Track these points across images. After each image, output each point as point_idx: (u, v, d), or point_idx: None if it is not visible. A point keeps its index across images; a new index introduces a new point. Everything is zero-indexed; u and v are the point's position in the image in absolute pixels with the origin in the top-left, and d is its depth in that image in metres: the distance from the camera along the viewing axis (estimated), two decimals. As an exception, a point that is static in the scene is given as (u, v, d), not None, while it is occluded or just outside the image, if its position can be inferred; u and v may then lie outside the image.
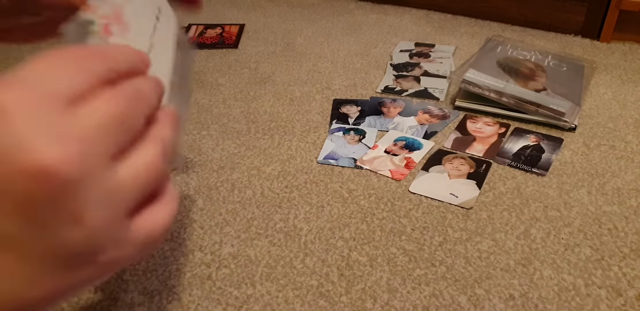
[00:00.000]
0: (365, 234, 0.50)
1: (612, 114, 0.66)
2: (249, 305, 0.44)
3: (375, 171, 0.58)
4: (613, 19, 0.80)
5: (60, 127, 0.20)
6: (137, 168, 0.23)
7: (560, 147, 0.61)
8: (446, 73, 0.76)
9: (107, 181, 0.22)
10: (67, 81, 0.21)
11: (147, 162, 0.24)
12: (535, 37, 0.86)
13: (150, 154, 0.24)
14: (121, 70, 0.24)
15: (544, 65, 0.72)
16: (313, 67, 0.80)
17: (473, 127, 0.65)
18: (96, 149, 0.21)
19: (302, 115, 0.69)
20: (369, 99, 0.71)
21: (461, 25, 0.91)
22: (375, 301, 0.44)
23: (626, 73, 0.75)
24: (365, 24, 0.93)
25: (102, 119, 0.22)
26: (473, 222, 0.51)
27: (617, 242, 0.48)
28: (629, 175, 0.56)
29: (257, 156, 0.62)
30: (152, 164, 0.24)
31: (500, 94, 0.65)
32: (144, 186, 0.24)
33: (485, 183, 0.56)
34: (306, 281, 0.46)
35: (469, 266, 0.47)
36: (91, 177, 0.21)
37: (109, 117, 0.22)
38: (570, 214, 0.52)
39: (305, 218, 0.52)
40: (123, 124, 0.23)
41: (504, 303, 0.43)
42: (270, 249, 0.49)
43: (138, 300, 0.45)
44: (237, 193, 0.56)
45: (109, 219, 0.22)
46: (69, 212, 0.20)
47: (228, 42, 0.88)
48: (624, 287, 0.44)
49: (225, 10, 1.01)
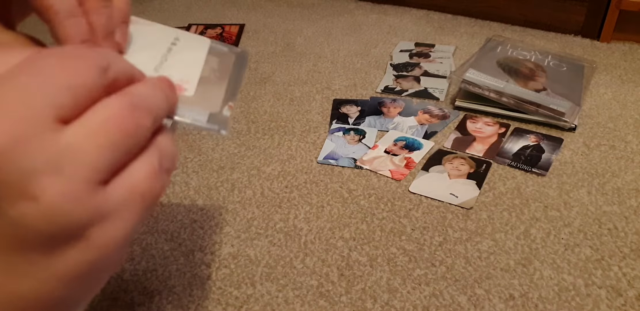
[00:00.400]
0: (365, 234, 0.50)
1: (612, 114, 0.66)
2: (249, 305, 0.44)
3: (375, 171, 0.58)
4: (613, 19, 0.80)
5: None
6: (92, 126, 0.20)
7: (560, 147, 0.61)
8: (446, 73, 0.76)
9: (51, 146, 0.19)
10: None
11: (106, 117, 0.21)
12: (535, 37, 0.86)
13: (112, 107, 0.21)
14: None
15: (544, 65, 0.72)
16: (313, 67, 0.80)
17: (473, 127, 0.65)
18: (29, 113, 0.19)
19: (302, 115, 0.69)
20: (369, 99, 0.71)
21: (461, 25, 0.91)
22: (375, 301, 0.44)
23: (626, 73, 0.75)
24: (365, 24, 0.93)
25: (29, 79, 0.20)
26: (473, 222, 0.51)
27: (617, 242, 0.48)
28: (629, 175, 0.56)
29: (257, 156, 0.62)
30: (115, 119, 0.21)
31: (500, 94, 0.65)
32: (110, 146, 0.20)
33: (485, 183, 0.56)
34: (306, 281, 0.46)
35: (469, 266, 0.47)
36: (26, 145, 0.18)
37: (46, 73, 0.20)
38: (570, 214, 0.52)
39: (305, 218, 0.52)
40: (56, 81, 0.20)
41: (504, 303, 0.43)
42: (270, 249, 0.49)
43: (138, 300, 0.45)
44: (237, 193, 0.56)
45: (69, 189, 0.19)
46: (13, 188, 0.18)
47: (228, 42, 0.88)
48: (624, 287, 0.44)
49: (225, 10, 1.01)
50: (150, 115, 0.22)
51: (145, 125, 0.22)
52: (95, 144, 0.20)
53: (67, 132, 0.20)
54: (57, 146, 0.19)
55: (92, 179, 0.20)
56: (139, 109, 0.22)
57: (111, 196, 0.21)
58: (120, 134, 0.21)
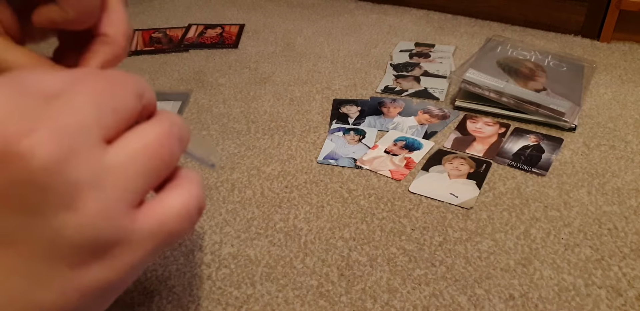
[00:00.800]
0: (365, 234, 0.50)
1: (612, 114, 0.66)
2: (249, 305, 0.44)
3: (375, 171, 0.58)
4: (613, 19, 0.80)
5: (33, 113, 0.20)
6: (133, 150, 0.22)
7: (560, 147, 0.61)
8: (446, 73, 0.76)
9: (96, 162, 0.20)
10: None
11: (147, 143, 0.22)
12: (535, 37, 0.86)
13: (152, 134, 0.22)
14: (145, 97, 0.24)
15: (544, 65, 0.72)
16: (313, 67, 0.80)
17: (473, 127, 0.65)
18: (79, 130, 0.20)
19: (302, 115, 0.69)
20: (369, 99, 0.71)
21: (461, 25, 0.91)
22: (375, 301, 0.44)
23: (626, 73, 0.75)
24: (365, 24, 0.93)
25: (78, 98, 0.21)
26: (473, 222, 0.51)
27: (617, 242, 0.48)
28: (629, 175, 0.56)
29: (257, 156, 0.62)
30: (154, 146, 0.22)
31: (500, 94, 0.65)
32: (145, 170, 0.22)
33: (485, 183, 0.56)
34: (306, 281, 0.46)
35: (469, 266, 0.47)
36: (75, 158, 0.19)
37: (96, 95, 0.22)
38: (570, 214, 0.52)
39: (305, 218, 0.52)
40: (104, 102, 0.22)
41: (504, 303, 0.43)
42: (270, 249, 0.49)
43: (138, 300, 0.45)
44: (237, 193, 0.56)
45: (106, 206, 0.20)
46: (59, 197, 0.19)
47: (228, 42, 0.88)
48: (624, 287, 0.44)
49: (225, 10, 1.01)
50: (182, 144, 0.24)
51: (178, 154, 0.24)
52: (134, 168, 0.21)
53: (110, 152, 0.21)
54: (101, 164, 0.20)
55: (127, 201, 0.21)
56: (174, 137, 0.23)
57: (140, 224, 0.22)
58: (156, 161, 0.22)
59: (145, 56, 0.85)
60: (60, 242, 0.20)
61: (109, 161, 0.21)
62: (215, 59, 0.83)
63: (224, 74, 0.79)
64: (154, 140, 0.22)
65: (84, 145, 0.20)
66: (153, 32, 0.92)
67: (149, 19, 0.97)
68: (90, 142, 0.20)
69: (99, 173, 0.20)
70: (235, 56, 0.84)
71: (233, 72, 0.79)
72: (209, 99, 0.73)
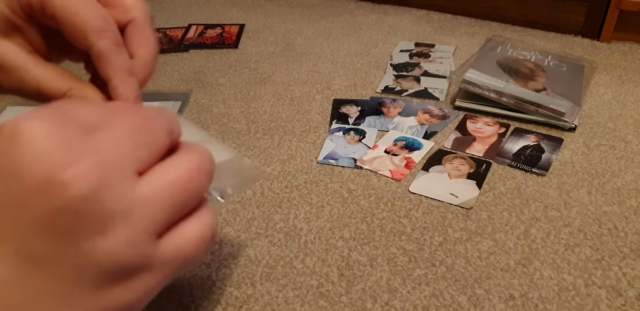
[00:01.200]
0: (365, 234, 0.50)
1: (612, 114, 0.66)
2: (249, 305, 0.44)
3: (375, 171, 0.58)
4: (613, 19, 0.80)
5: (76, 143, 0.21)
6: (163, 182, 0.23)
7: (560, 147, 0.61)
8: (446, 73, 0.76)
9: (129, 194, 0.22)
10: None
11: (176, 177, 0.23)
12: (535, 37, 0.86)
13: (180, 167, 0.24)
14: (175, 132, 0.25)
15: (544, 65, 0.73)
16: (313, 67, 0.80)
17: (473, 127, 0.65)
18: (117, 162, 0.22)
19: (302, 115, 0.69)
20: (369, 99, 0.71)
21: (461, 25, 0.91)
22: (375, 301, 0.44)
23: (626, 73, 0.75)
24: (365, 24, 0.93)
25: (117, 132, 0.23)
26: (473, 222, 0.51)
27: (617, 242, 0.48)
28: (629, 175, 0.56)
29: (257, 156, 0.62)
30: (182, 179, 0.24)
31: (500, 94, 0.65)
32: (172, 202, 0.23)
33: (485, 183, 0.56)
34: (306, 281, 0.46)
35: (469, 266, 0.47)
36: (111, 189, 0.21)
37: (133, 129, 0.23)
38: (570, 214, 0.52)
39: (305, 218, 0.52)
40: (140, 136, 0.23)
41: (504, 303, 0.43)
42: (270, 249, 0.49)
43: (138, 300, 0.45)
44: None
45: (134, 235, 0.22)
46: (92, 224, 0.21)
47: (228, 42, 0.88)
48: (624, 287, 0.44)
49: (225, 10, 1.01)
50: (209, 178, 0.25)
51: (205, 187, 0.25)
52: (162, 200, 0.23)
53: (142, 184, 0.22)
54: (133, 195, 0.22)
55: (152, 231, 0.23)
56: (202, 171, 0.24)
57: (161, 251, 0.23)
58: (184, 194, 0.24)
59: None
60: (89, 265, 0.21)
61: (140, 192, 0.22)
62: (215, 59, 0.83)
63: (224, 74, 0.79)
64: (184, 173, 0.24)
65: (119, 176, 0.21)
66: (153, 32, 0.92)
67: (149, 19, 0.97)
68: (125, 174, 0.22)
69: (130, 203, 0.22)
70: (235, 56, 0.84)
71: (233, 72, 0.80)
72: (209, 99, 0.73)
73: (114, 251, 0.21)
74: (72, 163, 0.20)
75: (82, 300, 0.22)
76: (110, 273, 0.22)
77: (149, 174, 0.23)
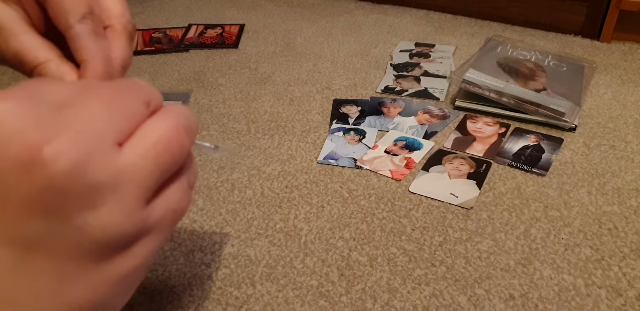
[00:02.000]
0: (365, 234, 0.50)
1: (612, 114, 0.66)
2: (249, 305, 0.44)
3: (375, 171, 0.58)
4: (613, 19, 0.80)
5: (50, 120, 0.21)
6: (143, 148, 0.22)
7: (560, 147, 0.61)
8: (446, 73, 0.76)
9: (112, 164, 0.21)
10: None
11: (156, 139, 0.23)
12: (535, 37, 0.86)
13: (159, 129, 0.23)
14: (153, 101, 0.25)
15: (544, 65, 0.72)
16: (313, 67, 0.80)
17: (473, 127, 0.65)
18: (94, 134, 0.21)
19: (302, 115, 0.69)
20: (369, 99, 0.71)
21: (461, 25, 0.91)
22: (375, 301, 0.44)
23: (626, 73, 0.75)
24: (365, 24, 0.93)
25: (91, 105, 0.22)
26: (473, 222, 0.51)
27: (617, 242, 0.48)
28: (629, 175, 0.56)
29: (257, 156, 0.62)
30: (163, 140, 0.23)
31: (500, 94, 0.65)
32: (157, 166, 0.23)
33: (485, 183, 0.56)
34: (306, 281, 0.46)
35: (469, 266, 0.47)
36: (93, 162, 0.20)
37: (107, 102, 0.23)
38: (570, 214, 0.52)
39: (305, 218, 0.52)
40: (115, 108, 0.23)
41: (504, 303, 0.43)
42: (270, 249, 0.49)
43: (138, 300, 0.45)
44: (237, 193, 0.56)
45: (126, 204, 0.21)
46: (80, 199, 0.20)
47: (228, 42, 0.88)
48: (624, 287, 0.44)
49: (225, 10, 1.01)
50: (191, 134, 0.25)
51: (188, 145, 0.25)
52: (147, 165, 0.22)
53: (124, 152, 0.22)
54: (116, 165, 0.21)
55: (141, 198, 0.22)
56: (181, 129, 0.24)
57: (153, 213, 0.23)
58: (167, 156, 0.23)
59: (146, 56, 0.85)
60: (84, 241, 0.21)
61: (124, 161, 0.22)
62: (215, 59, 0.83)
63: (224, 74, 0.79)
64: (162, 135, 0.23)
65: (99, 148, 0.21)
66: (153, 32, 0.92)
67: (149, 19, 0.97)
68: (105, 146, 0.21)
69: (116, 173, 0.21)
70: (235, 56, 0.84)
71: (233, 72, 0.80)
72: (209, 99, 0.73)
73: (109, 223, 0.21)
74: (48, 140, 0.20)
75: (83, 275, 0.22)
76: (109, 246, 0.22)
77: (129, 142, 0.22)
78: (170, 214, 0.24)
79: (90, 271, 0.22)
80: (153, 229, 0.23)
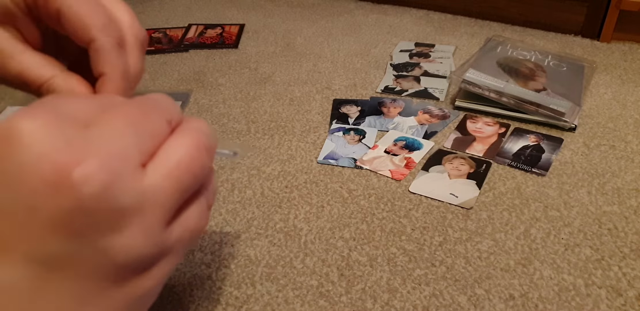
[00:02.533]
0: (365, 234, 0.50)
1: (612, 114, 0.66)
2: (249, 305, 0.44)
3: (375, 171, 0.58)
4: (613, 19, 0.80)
5: (76, 140, 0.21)
6: (166, 169, 0.22)
7: (560, 147, 0.61)
8: (446, 73, 0.76)
9: (137, 186, 0.21)
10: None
11: (178, 159, 0.23)
12: (535, 37, 0.86)
13: (181, 149, 0.23)
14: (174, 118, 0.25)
15: (544, 65, 0.72)
16: (313, 67, 0.80)
17: (473, 127, 0.65)
18: (121, 156, 0.21)
19: (302, 115, 0.69)
20: (369, 99, 0.71)
21: (461, 25, 0.91)
22: (375, 301, 0.44)
23: (626, 73, 0.75)
24: (365, 24, 0.93)
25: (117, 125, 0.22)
26: (473, 222, 0.51)
27: (617, 242, 0.48)
28: (629, 175, 0.56)
29: (257, 156, 0.62)
30: (185, 161, 0.23)
31: (500, 94, 0.65)
32: (179, 186, 0.23)
33: (485, 183, 0.56)
34: (306, 281, 0.46)
35: (469, 266, 0.47)
36: (120, 184, 0.20)
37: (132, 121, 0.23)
38: (570, 214, 0.52)
39: (305, 218, 0.52)
40: (140, 128, 0.23)
41: (504, 303, 0.43)
42: (270, 249, 0.49)
43: (138, 300, 0.45)
44: (237, 193, 0.56)
45: (149, 227, 0.22)
46: (106, 221, 0.20)
47: (228, 42, 0.88)
48: (624, 287, 0.44)
49: (225, 10, 1.01)
50: (211, 152, 0.25)
51: (208, 165, 0.25)
52: (170, 186, 0.22)
53: (147, 173, 0.22)
54: (141, 187, 0.21)
55: (163, 219, 0.22)
56: (202, 148, 0.24)
57: (173, 235, 0.23)
58: (189, 176, 0.23)
59: (146, 56, 0.85)
60: (106, 263, 0.21)
61: (148, 183, 0.22)
62: (215, 59, 0.83)
63: (224, 74, 0.79)
64: (184, 155, 0.23)
65: (126, 171, 0.21)
66: (153, 32, 0.92)
67: (149, 19, 0.97)
68: (131, 168, 0.21)
69: (141, 196, 0.21)
70: (235, 56, 0.84)
71: (233, 72, 0.79)
72: (209, 99, 0.73)
73: (132, 246, 0.21)
74: (78, 162, 0.20)
75: (104, 297, 0.22)
76: (129, 267, 0.22)
77: (152, 163, 0.22)
78: (188, 235, 0.24)
79: (109, 292, 0.22)
80: (171, 251, 0.23)
